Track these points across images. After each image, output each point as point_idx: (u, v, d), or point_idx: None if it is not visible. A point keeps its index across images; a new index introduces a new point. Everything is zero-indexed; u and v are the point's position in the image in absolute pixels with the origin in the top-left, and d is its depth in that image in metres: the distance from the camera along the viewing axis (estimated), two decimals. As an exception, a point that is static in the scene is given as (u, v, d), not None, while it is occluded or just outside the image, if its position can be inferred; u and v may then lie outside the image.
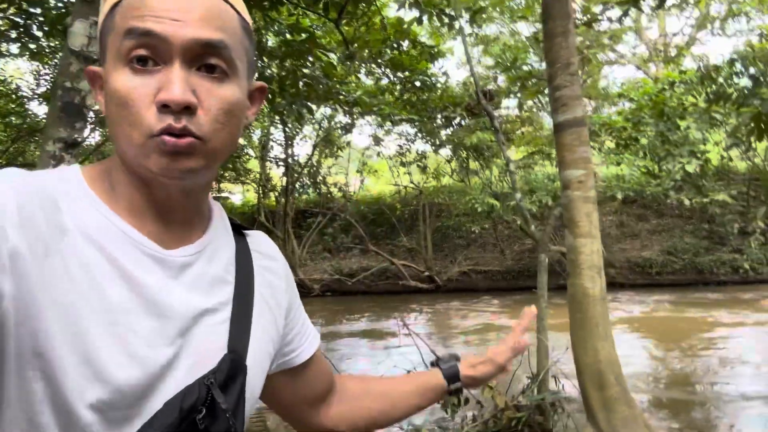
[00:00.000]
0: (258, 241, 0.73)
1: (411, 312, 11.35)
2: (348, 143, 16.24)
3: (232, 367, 0.59)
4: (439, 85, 11.01)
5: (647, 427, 2.79)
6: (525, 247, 13.98)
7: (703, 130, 10.53)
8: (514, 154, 15.57)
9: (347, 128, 15.08)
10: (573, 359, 2.98)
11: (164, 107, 0.53)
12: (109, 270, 0.54)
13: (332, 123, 15.13)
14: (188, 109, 0.54)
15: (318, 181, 16.32)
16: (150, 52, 0.54)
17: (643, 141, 12.22)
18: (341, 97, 7.34)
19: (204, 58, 0.55)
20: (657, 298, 11.20)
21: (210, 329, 0.60)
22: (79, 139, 1.65)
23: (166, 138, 0.53)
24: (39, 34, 4.78)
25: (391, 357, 6.68)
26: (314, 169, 15.77)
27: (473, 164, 15.57)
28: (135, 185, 0.59)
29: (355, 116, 11.79)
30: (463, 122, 13.91)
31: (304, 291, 13.84)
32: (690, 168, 9.96)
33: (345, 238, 15.61)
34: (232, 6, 0.58)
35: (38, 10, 4.43)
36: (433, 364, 0.94)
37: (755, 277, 11.89)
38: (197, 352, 0.58)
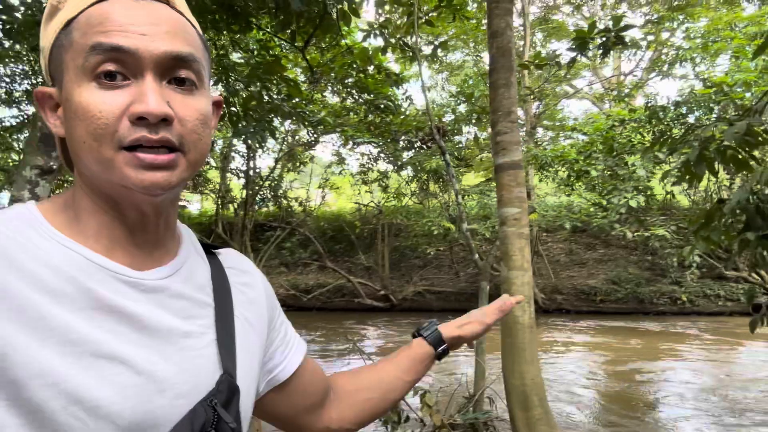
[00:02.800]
0: (230, 257, 0.72)
1: (366, 329, 11.51)
2: (311, 158, 16.41)
3: (229, 387, 0.59)
4: (402, 109, 11.38)
5: (564, 446, 3.07)
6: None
7: (647, 167, 11.20)
8: (473, 178, 16.09)
9: (310, 145, 15.28)
10: (503, 380, 3.25)
11: (139, 120, 0.53)
12: (80, 301, 0.52)
13: (295, 138, 15.31)
14: (165, 121, 0.54)
15: (279, 194, 16.38)
16: (119, 66, 0.53)
17: (594, 173, 12.88)
18: (304, 115, 7.55)
19: (174, 71, 0.56)
20: (596, 324, 11.73)
21: (197, 353, 0.58)
22: (54, 167, 1.81)
23: (141, 155, 0.53)
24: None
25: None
26: (275, 182, 15.85)
27: (432, 187, 15.97)
28: (102, 209, 0.57)
29: (318, 134, 12.00)
30: (424, 146, 14.33)
31: (259, 304, 13.84)
32: (633, 203, 10.55)
33: (303, 254, 15.68)
34: (189, 21, 0.60)
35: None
36: (414, 336, 0.95)
37: (691, 309, 12.59)
38: (190, 377, 0.56)
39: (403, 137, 14.10)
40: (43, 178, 1.80)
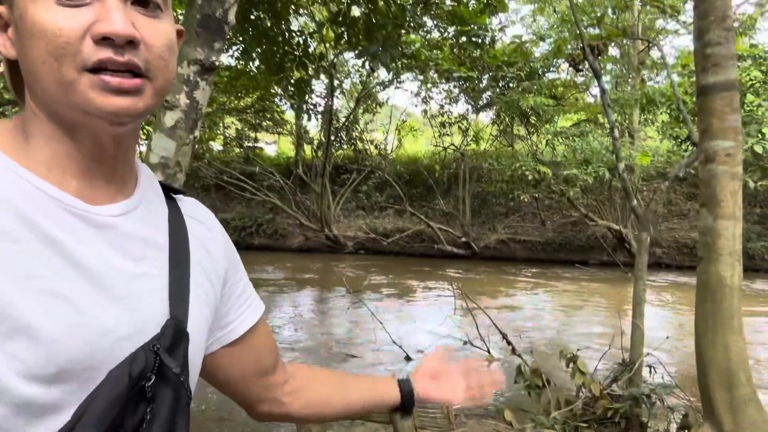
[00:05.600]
0: (191, 206, 0.69)
1: (447, 278, 11.14)
2: (387, 99, 15.80)
3: (176, 333, 0.56)
4: (501, 42, 10.44)
5: (781, 436, 2.51)
6: (568, 220, 13.56)
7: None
8: (565, 120, 14.94)
9: (387, 84, 14.59)
10: (696, 353, 2.68)
11: (104, 40, 0.49)
12: (24, 232, 0.49)
13: (372, 77, 14.65)
14: (131, 44, 0.50)
15: (354, 136, 15.97)
16: None
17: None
18: (398, 42, 6.91)
19: None
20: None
21: (146, 294, 0.56)
22: (216, 63, 1.34)
23: (107, 78, 0.50)
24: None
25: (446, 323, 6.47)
26: (351, 124, 15.39)
27: (517, 129, 15.00)
28: (56, 135, 0.54)
29: (402, 71, 11.30)
30: (510, 84, 13.31)
31: (338, 247, 13.72)
32: (758, 148, 9.34)
33: (379, 197, 15.35)
34: None
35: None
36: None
37: (810, 267, 11.38)
38: (136, 320, 0.54)
39: (486, 75, 13.16)
40: (204, 77, 1.34)
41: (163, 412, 0.53)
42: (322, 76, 13.33)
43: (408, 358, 5.66)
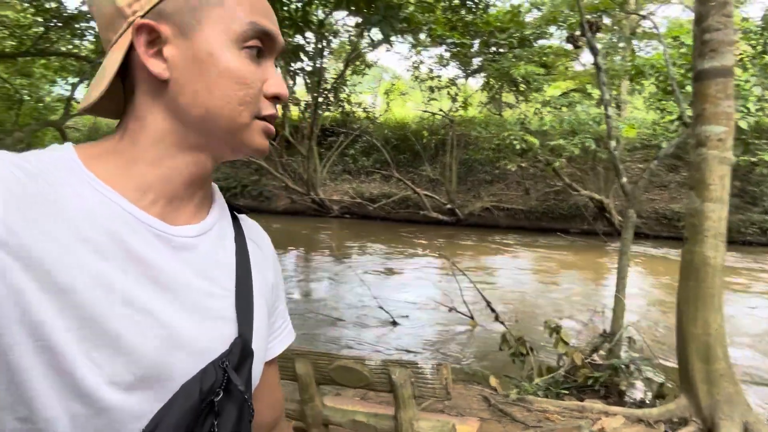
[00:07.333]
0: (251, 227, 0.73)
1: (432, 244, 11.26)
2: (377, 61, 15.55)
3: (243, 351, 0.60)
4: (493, 8, 10.27)
5: (749, 407, 2.67)
6: (551, 189, 13.70)
7: (764, 85, 9.92)
8: (553, 88, 14.91)
9: (376, 45, 14.33)
10: (676, 327, 2.82)
11: (274, 98, 0.60)
12: (112, 249, 0.53)
13: (362, 38, 14.38)
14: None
15: (342, 99, 15.76)
16: (261, 45, 0.59)
17: (689, 89, 11.63)
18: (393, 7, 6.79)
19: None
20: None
21: (217, 314, 0.60)
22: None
23: (269, 125, 0.61)
24: None
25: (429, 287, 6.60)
26: (339, 85, 15.15)
27: (506, 96, 14.96)
28: (163, 161, 0.58)
29: (395, 35, 11.10)
30: (501, 50, 13.19)
31: (323, 211, 13.74)
32: (743, 124, 9.46)
33: (366, 162, 15.29)
34: None
35: None
36: None
37: (783, 241, 11.74)
38: (208, 336, 0.58)
39: (477, 41, 13.01)
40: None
41: (228, 426, 0.56)
42: (311, 35, 13.06)
43: (394, 323, 5.80)
